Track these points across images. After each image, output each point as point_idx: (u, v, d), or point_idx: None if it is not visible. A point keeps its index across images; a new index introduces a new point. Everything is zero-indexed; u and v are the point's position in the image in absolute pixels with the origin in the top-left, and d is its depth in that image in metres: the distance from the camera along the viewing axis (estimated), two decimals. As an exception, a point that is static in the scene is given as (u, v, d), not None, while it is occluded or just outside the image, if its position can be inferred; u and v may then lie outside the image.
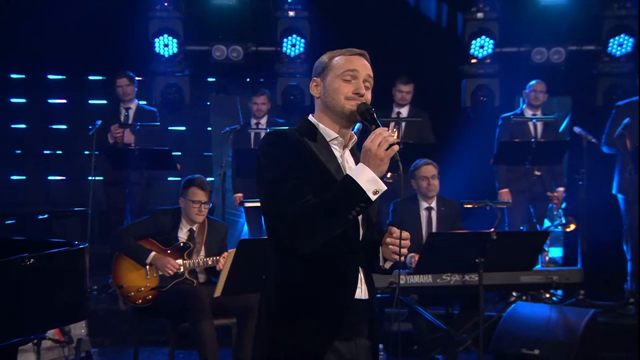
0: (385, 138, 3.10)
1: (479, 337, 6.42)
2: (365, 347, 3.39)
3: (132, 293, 6.26)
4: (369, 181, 3.08)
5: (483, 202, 7.30)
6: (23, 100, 11.48)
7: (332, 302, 3.25)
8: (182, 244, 6.34)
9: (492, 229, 6.62)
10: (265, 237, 3.74)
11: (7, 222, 7.74)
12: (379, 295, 6.77)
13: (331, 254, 3.22)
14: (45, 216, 6.94)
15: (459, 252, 6.43)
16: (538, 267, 7.57)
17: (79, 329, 6.67)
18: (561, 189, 8.90)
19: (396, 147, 3.11)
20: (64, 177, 11.14)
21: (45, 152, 11.41)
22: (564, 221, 8.87)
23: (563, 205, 9.07)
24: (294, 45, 10.06)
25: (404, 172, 8.16)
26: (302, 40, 10.07)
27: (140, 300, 6.25)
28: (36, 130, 11.39)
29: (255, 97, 9.25)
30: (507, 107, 9.43)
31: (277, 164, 3.23)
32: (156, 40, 10.13)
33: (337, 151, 3.35)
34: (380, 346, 7.09)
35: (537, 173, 8.81)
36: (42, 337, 6.16)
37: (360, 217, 3.27)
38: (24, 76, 11.29)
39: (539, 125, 8.90)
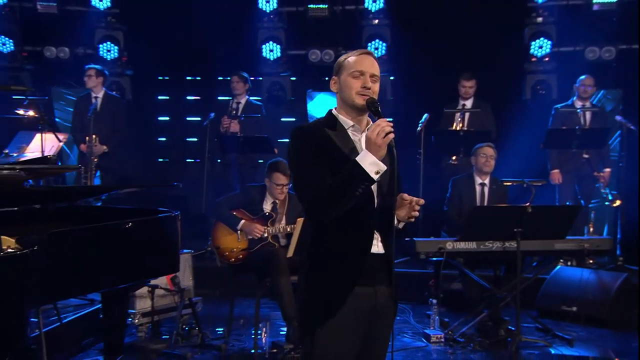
0: (382, 128, 3.19)
1: (517, 295, 6.47)
2: (384, 293, 3.45)
3: (227, 253, 6.45)
4: (371, 164, 3.18)
5: (520, 180, 7.25)
6: (167, 97, 11.86)
7: (350, 256, 3.34)
8: (266, 214, 6.50)
9: (528, 204, 6.61)
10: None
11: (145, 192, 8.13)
12: (433, 259, 6.86)
13: (350, 219, 3.31)
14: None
15: (499, 222, 6.50)
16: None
17: (187, 281, 6.88)
18: (608, 169, 8.74)
19: (391, 136, 3.20)
20: (198, 160, 11.50)
21: (184, 139, 11.79)
22: (610, 198, 8.75)
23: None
24: (377, 49, 10.13)
25: (465, 155, 8.21)
26: (384, 44, 10.17)
27: (233, 259, 6.44)
28: (177, 121, 11.75)
29: None
30: (564, 99, 9.20)
31: (299, 154, 3.38)
32: (263, 46, 10.40)
33: (354, 136, 3.42)
34: (434, 301, 7.20)
35: (585, 156, 8.64)
36: (156, 286, 6.41)
37: (375, 190, 3.36)
38: (167, 77, 11.65)
39: (588, 114, 8.75)
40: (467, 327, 6.77)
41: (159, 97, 11.90)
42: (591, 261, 8.29)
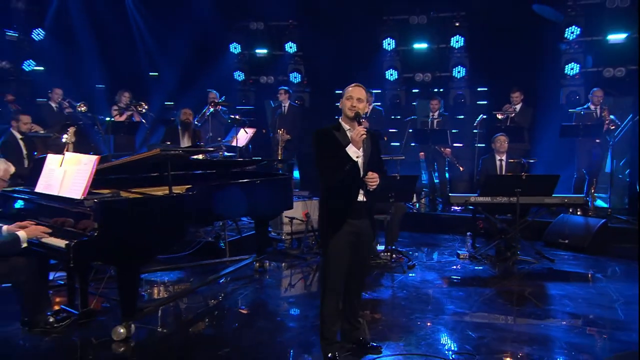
0: (359, 132, 3.59)
1: (517, 230, 6.76)
2: (367, 223, 3.82)
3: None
4: (353, 152, 3.62)
5: (519, 159, 7.36)
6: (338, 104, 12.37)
7: (344, 202, 3.75)
8: None
9: (523, 174, 6.89)
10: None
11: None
12: (470, 207, 7.18)
13: (344, 182, 3.70)
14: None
15: (505, 184, 6.71)
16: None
17: (315, 215, 7.03)
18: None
19: (364, 136, 3.61)
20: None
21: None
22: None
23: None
24: (459, 72, 10.29)
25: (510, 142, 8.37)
26: (464, 69, 10.27)
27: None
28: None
29: (431, 100, 9.52)
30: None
31: (316, 145, 3.75)
32: (386, 72, 10.70)
33: (349, 134, 3.70)
34: (469, 233, 7.60)
35: (597, 140, 8.56)
36: (294, 218, 7.05)
37: (361, 164, 3.68)
38: (340, 91, 12.03)
39: (599, 112, 8.56)
40: (484, 250, 7.11)
41: (336, 104, 12.49)
42: (590, 213, 8.35)
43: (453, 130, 9.86)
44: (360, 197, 3.76)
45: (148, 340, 4.38)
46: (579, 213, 8.23)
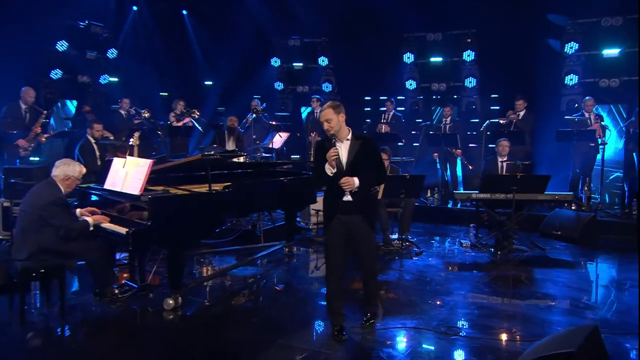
0: (331, 154, 3.75)
1: (513, 222, 6.82)
2: (357, 218, 3.88)
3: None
4: (328, 169, 3.80)
5: (514, 160, 7.39)
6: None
7: (334, 201, 3.91)
8: None
9: (518, 174, 6.93)
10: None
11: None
12: (469, 202, 7.36)
13: (332, 184, 3.86)
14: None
15: (502, 183, 6.76)
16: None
17: None
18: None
19: (335, 157, 3.76)
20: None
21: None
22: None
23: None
24: (470, 82, 10.30)
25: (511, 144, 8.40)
26: (475, 79, 10.28)
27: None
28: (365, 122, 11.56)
29: (444, 107, 9.61)
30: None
31: (314, 154, 4.03)
32: (406, 82, 10.72)
33: (338, 143, 3.86)
34: (472, 225, 7.70)
35: (592, 144, 8.51)
36: (319, 210, 6.78)
37: (344, 169, 3.81)
38: (370, 97, 11.42)
39: (593, 119, 8.57)
40: (484, 240, 7.21)
41: (365, 109, 12.04)
42: (584, 208, 8.36)
43: (467, 133, 9.96)
44: (347, 197, 3.89)
45: (194, 310, 4.77)
46: (573, 208, 8.25)
